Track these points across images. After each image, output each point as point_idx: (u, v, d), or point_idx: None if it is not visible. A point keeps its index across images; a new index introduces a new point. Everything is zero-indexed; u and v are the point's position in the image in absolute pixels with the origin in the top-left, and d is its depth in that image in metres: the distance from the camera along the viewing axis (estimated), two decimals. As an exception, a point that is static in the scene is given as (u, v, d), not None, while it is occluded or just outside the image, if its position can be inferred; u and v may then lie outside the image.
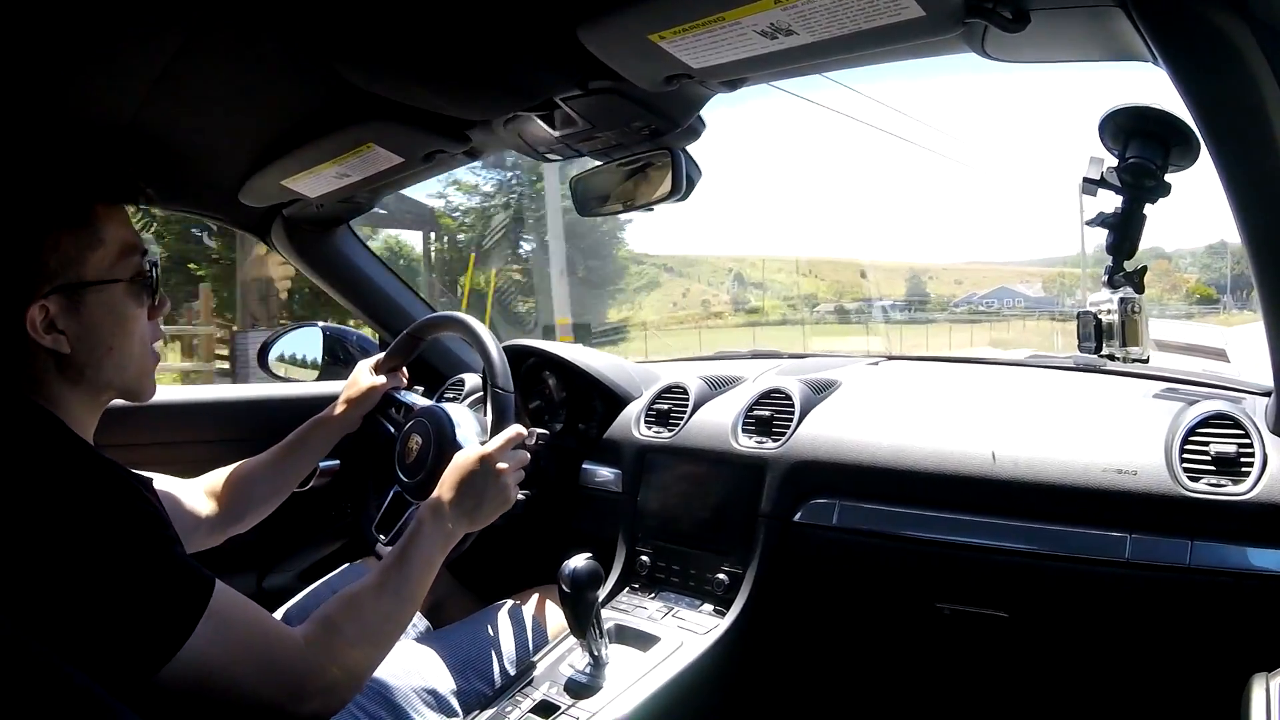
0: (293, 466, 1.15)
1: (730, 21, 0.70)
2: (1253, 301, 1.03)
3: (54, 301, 0.70)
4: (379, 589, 0.82)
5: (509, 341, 1.44)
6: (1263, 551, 0.82)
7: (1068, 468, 0.93)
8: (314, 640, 0.74)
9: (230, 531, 1.09)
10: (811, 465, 1.10)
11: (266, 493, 1.12)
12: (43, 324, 0.70)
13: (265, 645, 0.71)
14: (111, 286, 0.74)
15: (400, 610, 0.83)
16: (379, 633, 0.80)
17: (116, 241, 0.74)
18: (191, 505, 1.03)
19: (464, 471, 0.94)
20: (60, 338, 0.71)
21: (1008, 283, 40.41)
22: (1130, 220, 0.87)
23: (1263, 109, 0.63)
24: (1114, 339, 0.94)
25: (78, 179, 0.74)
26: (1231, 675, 0.77)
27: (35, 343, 0.70)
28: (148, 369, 0.80)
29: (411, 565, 0.85)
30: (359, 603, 0.80)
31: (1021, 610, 0.96)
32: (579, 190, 1.17)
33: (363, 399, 1.21)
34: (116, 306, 0.75)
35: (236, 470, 1.11)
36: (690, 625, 1.10)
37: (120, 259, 0.75)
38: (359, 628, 0.78)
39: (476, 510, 0.93)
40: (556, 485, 1.37)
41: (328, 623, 0.76)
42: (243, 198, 1.32)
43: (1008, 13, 0.64)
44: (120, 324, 0.75)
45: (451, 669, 1.03)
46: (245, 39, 0.87)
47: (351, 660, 0.77)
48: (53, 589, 0.62)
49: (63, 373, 0.72)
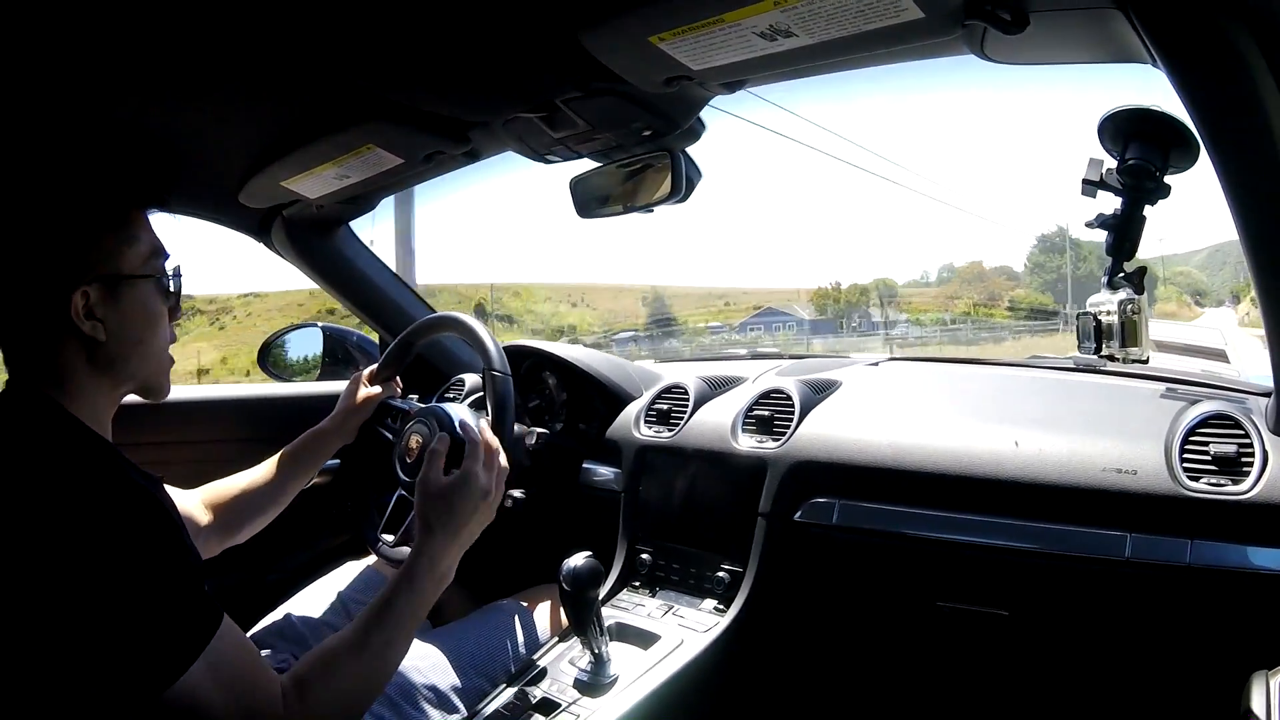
0: (290, 479, 1.15)
1: (730, 23, 0.70)
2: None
3: (95, 290, 0.74)
4: (358, 650, 0.80)
5: (510, 342, 1.44)
6: (1262, 551, 0.82)
7: (1068, 467, 0.93)
8: (291, 700, 0.74)
9: (227, 543, 1.09)
10: (811, 465, 1.10)
11: (263, 506, 1.13)
12: (84, 309, 0.73)
13: (250, 694, 0.70)
14: (144, 282, 0.78)
15: (381, 671, 0.82)
16: (356, 694, 0.80)
17: (148, 242, 0.79)
18: (190, 517, 1.04)
19: (437, 496, 0.90)
20: (98, 325, 0.74)
21: (776, 304, 34.55)
22: (1130, 222, 0.87)
23: (1263, 110, 0.63)
24: (1114, 340, 0.94)
25: (118, 179, 0.78)
26: (1231, 674, 0.78)
27: (71, 330, 0.73)
28: (166, 367, 0.84)
29: (395, 622, 0.83)
30: (336, 665, 0.78)
31: (1021, 609, 0.96)
32: (579, 191, 1.17)
33: (358, 409, 1.22)
34: (148, 302, 0.79)
35: (234, 484, 1.12)
36: (690, 624, 1.10)
37: (151, 258, 0.79)
38: (335, 693, 0.77)
39: (467, 533, 0.91)
40: (557, 485, 1.37)
41: (303, 685, 0.75)
42: (243, 199, 1.32)
43: (1007, 14, 0.65)
44: (149, 319, 0.79)
45: (453, 667, 1.03)
46: (245, 40, 0.87)
47: (328, 716, 0.76)
48: (64, 600, 0.62)
49: (92, 362, 0.75)
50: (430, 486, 0.91)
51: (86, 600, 0.62)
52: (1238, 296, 25.51)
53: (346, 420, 1.21)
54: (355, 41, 0.84)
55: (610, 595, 1.21)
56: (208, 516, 1.07)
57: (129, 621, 0.63)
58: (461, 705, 1.00)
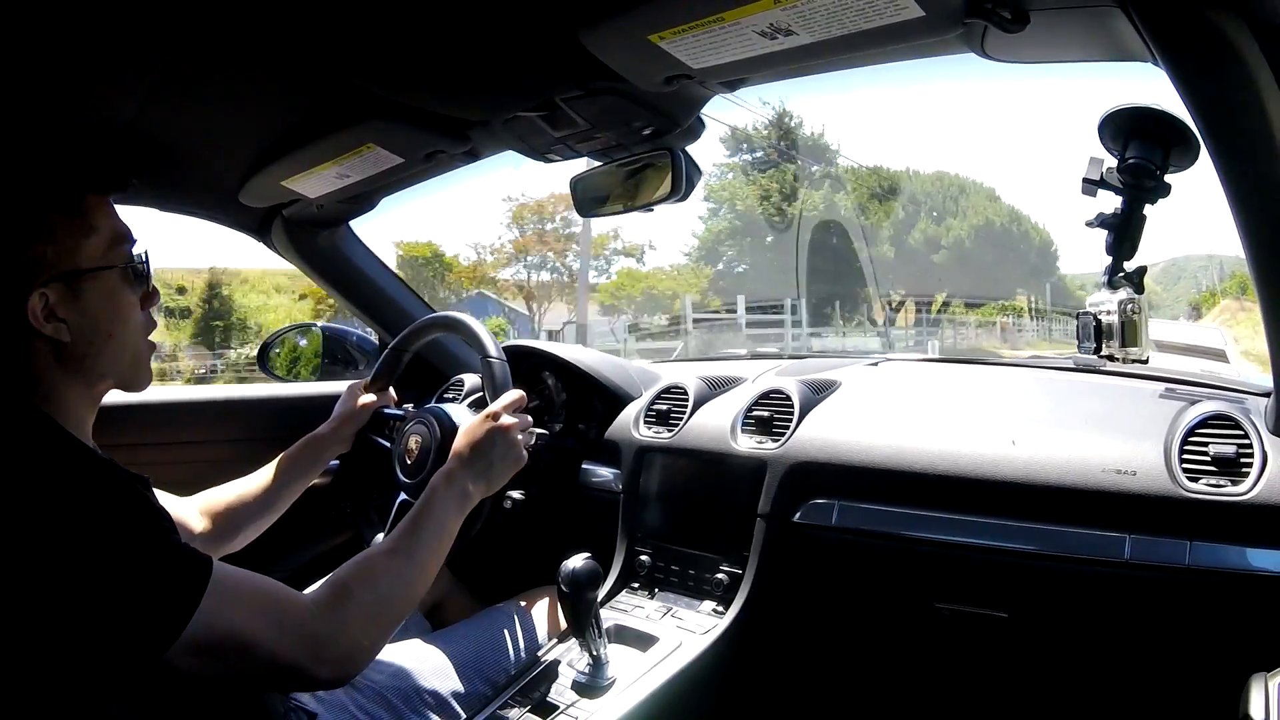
0: (286, 485, 1.15)
1: (730, 22, 0.70)
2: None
3: (54, 290, 0.72)
4: (392, 554, 0.83)
5: (509, 342, 1.44)
6: (1262, 552, 0.82)
7: (1067, 468, 0.93)
8: (326, 602, 0.75)
9: (223, 551, 1.08)
10: (811, 465, 1.10)
11: (259, 513, 1.12)
12: (43, 312, 0.71)
13: (276, 607, 0.72)
14: (107, 273, 0.76)
15: (414, 575, 0.84)
16: (391, 596, 0.81)
17: (108, 230, 0.76)
18: (185, 524, 1.03)
19: (473, 435, 0.97)
20: (60, 326, 0.73)
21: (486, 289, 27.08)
22: (1130, 221, 0.87)
23: (1263, 109, 0.63)
24: (1113, 340, 0.94)
25: (68, 169, 0.76)
26: (1230, 675, 0.78)
27: (35, 333, 0.71)
28: (143, 358, 0.82)
29: (425, 530, 0.86)
30: (371, 566, 0.81)
31: (1021, 610, 0.96)
32: (579, 190, 1.17)
33: (354, 417, 1.23)
34: (113, 293, 0.76)
35: (229, 491, 1.11)
36: (689, 625, 1.10)
37: (112, 247, 0.77)
38: (371, 591, 0.78)
39: (490, 470, 0.96)
40: (556, 485, 1.37)
41: (340, 586, 0.77)
42: (243, 199, 1.32)
43: (1007, 13, 0.65)
44: (117, 310, 0.77)
45: (452, 671, 1.03)
46: (245, 40, 0.87)
47: (364, 622, 0.77)
48: (55, 583, 0.62)
49: (61, 363, 0.74)
50: (473, 427, 0.99)
51: (71, 579, 0.62)
52: (1198, 309, 25.47)
53: (342, 427, 1.22)
54: (355, 40, 0.84)
55: (609, 597, 1.21)
56: (203, 524, 1.07)
57: (120, 583, 0.63)
58: (461, 711, 1.00)
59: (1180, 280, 32.24)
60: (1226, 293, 22.70)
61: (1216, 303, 24.75)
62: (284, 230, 1.48)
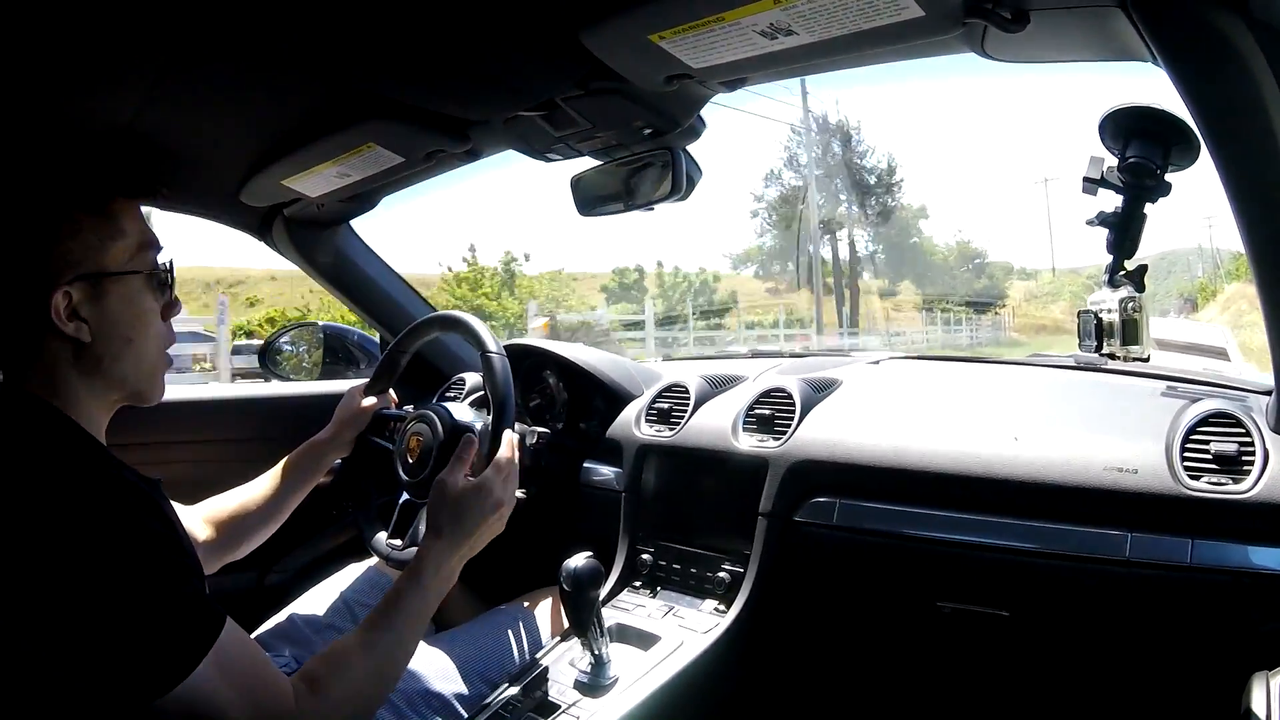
0: (288, 492, 1.15)
1: (730, 22, 0.70)
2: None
3: (77, 289, 0.72)
4: (368, 649, 0.80)
5: (509, 341, 1.44)
6: (1263, 550, 0.82)
7: (1068, 466, 0.93)
8: (302, 697, 0.74)
9: (226, 559, 1.08)
10: (812, 464, 1.10)
11: (263, 521, 1.12)
12: (66, 311, 0.71)
13: (261, 692, 0.71)
14: (131, 278, 0.76)
15: (390, 669, 0.82)
16: (367, 693, 0.80)
17: (135, 235, 0.76)
18: (191, 533, 1.02)
19: (456, 505, 0.91)
20: (82, 326, 0.73)
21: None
22: (1131, 220, 0.87)
23: (1263, 109, 0.63)
24: (1114, 338, 0.93)
25: (99, 172, 0.76)
26: (1232, 674, 0.78)
27: (55, 331, 0.71)
28: (159, 369, 0.82)
29: (402, 622, 0.83)
30: (347, 664, 0.78)
31: (1022, 609, 0.96)
32: (579, 189, 1.16)
33: (353, 421, 1.22)
34: (135, 299, 0.76)
35: (233, 499, 1.11)
36: (691, 624, 1.10)
37: (139, 253, 0.77)
38: (347, 691, 0.77)
39: (475, 541, 0.92)
40: (557, 485, 1.37)
41: (315, 683, 0.75)
42: (244, 198, 1.32)
43: (1007, 13, 0.65)
44: (138, 317, 0.77)
45: (455, 674, 1.03)
46: (245, 39, 0.87)
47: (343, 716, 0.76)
48: (66, 605, 0.62)
49: (79, 364, 0.74)
50: (447, 489, 0.92)
51: (86, 603, 0.62)
52: (1193, 302, 25.19)
53: (342, 432, 1.21)
54: (356, 40, 0.84)
55: (611, 596, 1.21)
56: (208, 533, 1.06)
57: (132, 623, 0.63)
58: (464, 712, 1.00)
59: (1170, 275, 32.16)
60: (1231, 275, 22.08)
61: (1210, 292, 24.49)
62: (285, 229, 1.48)
